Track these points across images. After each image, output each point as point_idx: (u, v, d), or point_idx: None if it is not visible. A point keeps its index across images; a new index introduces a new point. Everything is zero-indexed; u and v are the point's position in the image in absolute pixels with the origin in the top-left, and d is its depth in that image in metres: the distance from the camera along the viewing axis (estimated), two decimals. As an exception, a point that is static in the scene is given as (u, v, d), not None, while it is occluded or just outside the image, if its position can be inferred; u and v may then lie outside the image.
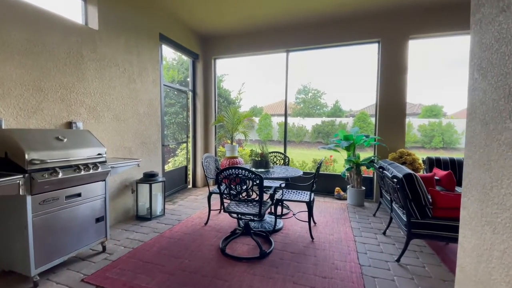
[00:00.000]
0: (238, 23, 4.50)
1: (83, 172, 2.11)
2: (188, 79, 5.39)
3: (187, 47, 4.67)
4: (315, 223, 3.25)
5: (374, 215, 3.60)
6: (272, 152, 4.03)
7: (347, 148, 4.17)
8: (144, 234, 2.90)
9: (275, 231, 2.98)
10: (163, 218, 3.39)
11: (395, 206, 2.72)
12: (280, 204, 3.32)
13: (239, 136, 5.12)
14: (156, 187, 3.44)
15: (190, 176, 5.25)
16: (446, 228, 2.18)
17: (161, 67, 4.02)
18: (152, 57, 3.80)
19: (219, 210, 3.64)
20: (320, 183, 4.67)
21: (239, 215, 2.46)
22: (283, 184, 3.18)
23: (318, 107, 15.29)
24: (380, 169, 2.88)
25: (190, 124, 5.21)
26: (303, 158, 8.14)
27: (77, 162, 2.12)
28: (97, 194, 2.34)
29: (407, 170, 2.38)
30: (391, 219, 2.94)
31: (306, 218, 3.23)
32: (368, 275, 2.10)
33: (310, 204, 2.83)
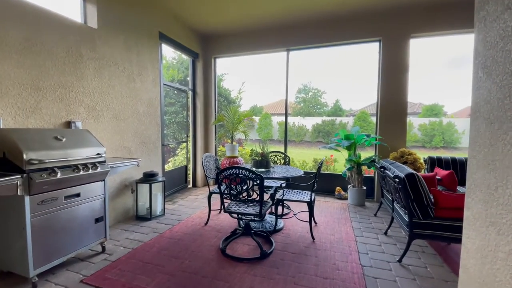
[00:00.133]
0: (239, 22, 4.48)
1: (82, 172, 2.09)
2: (188, 78, 5.37)
3: (187, 46, 4.65)
4: (316, 223, 3.23)
5: (375, 215, 3.59)
6: (273, 152, 4.01)
7: (348, 148, 4.15)
8: (144, 234, 2.89)
9: (275, 231, 2.96)
10: (163, 218, 3.38)
11: (396, 206, 2.70)
12: (280, 204, 3.30)
13: (239, 135, 5.11)
14: (156, 187, 3.42)
15: (190, 175, 5.23)
16: (448, 228, 2.16)
17: (161, 66, 4.00)
18: (152, 56, 3.78)
19: (219, 210, 3.63)
20: (320, 182, 4.65)
21: (240, 215, 2.45)
22: (284, 184, 3.16)
23: (319, 106, 15.27)
24: (382, 168, 2.86)
25: (190, 124, 5.19)
26: (303, 157, 8.12)
27: (76, 162, 2.10)
28: (96, 194, 2.33)
29: (409, 169, 2.37)
30: (392, 219, 2.92)
31: (307, 218, 3.22)
32: (369, 276, 2.09)
33: (311, 204, 2.81)
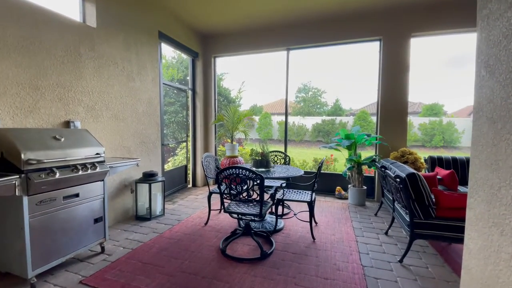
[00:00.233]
0: (239, 21, 4.46)
1: (81, 172, 2.08)
2: (187, 78, 5.35)
3: (186, 45, 4.63)
4: (316, 223, 3.22)
5: (376, 214, 3.58)
6: (273, 152, 4.00)
7: (348, 147, 4.14)
8: (144, 234, 2.87)
9: (276, 231, 2.95)
10: (162, 218, 3.37)
11: (397, 206, 2.69)
12: (281, 204, 3.29)
13: (239, 135, 5.09)
14: (156, 187, 3.41)
15: (190, 175, 5.22)
16: (450, 228, 2.15)
17: (160, 65, 3.99)
18: (151, 55, 3.76)
19: (219, 210, 3.61)
20: (321, 182, 4.64)
21: (240, 216, 2.44)
22: (284, 184, 3.15)
23: (318, 106, 15.26)
24: (382, 168, 2.84)
25: (190, 123, 5.18)
26: (303, 157, 8.11)
27: (74, 162, 2.09)
28: (95, 194, 2.31)
29: (410, 169, 2.35)
30: (393, 218, 2.91)
31: (307, 218, 3.21)
32: (370, 276, 2.07)
33: (311, 204, 2.80)
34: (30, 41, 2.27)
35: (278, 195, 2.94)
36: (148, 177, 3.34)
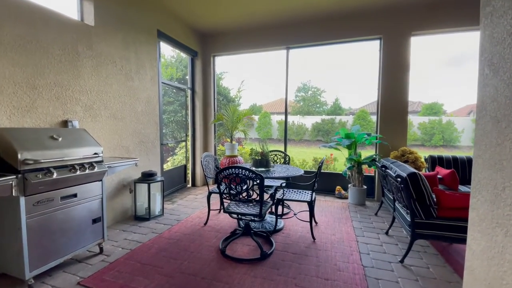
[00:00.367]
0: (238, 20, 4.43)
1: (78, 172, 2.05)
2: (186, 77, 5.33)
3: (185, 44, 4.61)
4: (316, 222, 3.20)
5: (376, 214, 3.56)
6: (273, 151, 3.98)
7: (348, 147, 4.12)
8: (143, 234, 2.85)
9: (276, 231, 2.93)
10: (162, 218, 3.35)
11: (398, 205, 2.67)
12: (281, 204, 3.27)
13: (238, 134, 5.07)
14: (155, 187, 3.39)
15: (190, 175, 5.20)
16: (451, 228, 2.13)
17: (159, 64, 3.96)
18: (150, 54, 3.73)
19: (219, 210, 3.60)
20: (320, 181, 4.62)
21: (239, 216, 2.42)
22: (284, 184, 3.13)
23: (318, 105, 15.25)
24: (383, 168, 2.83)
25: (189, 123, 5.15)
26: (303, 156, 8.10)
27: (72, 162, 2.06)
28: (93, 194, 2.29)
29: (411, 169, 2.34)
30: (393, 218, 2.90)
31: (307, 218, 3.19)
32: (371, 277, 2.06)
33: (311, 204, 2.78)
34: (27, 39, 2.24)
35: (278, 195, 2.92)
36: (147, 177, 3.32)
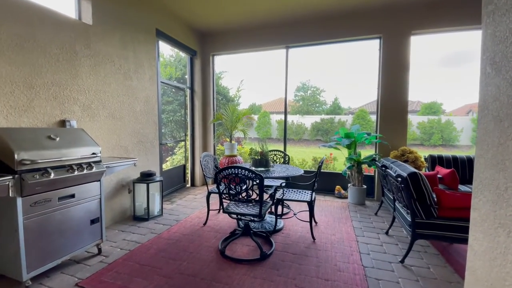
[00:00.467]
0: (237, 19, 4.41)
1: (76, 173, 2.03)
2: (186, 76, 5.31)
3: (184, 43, 4.58)
4: (316, 222, 3.19)
5: (376, 214, 3.55)
6: (272, 151, 3.97)
7: (348, 146, 4.11)
8: (141, 235, 2.83)
9: (275, 231, 2.92)
10: (161, 219, 3.33)
11: (398, 205, 2.66)
12: (280, 204, 3.26)
13: (238, 134, 5.05)
14: (154, 187, 3.37)
15: (189, 174, 5.18)
16: (452, 228, 2.12)
17: (158, 63, 3.93)
18: (149, 53, 3.71)
19: (218, 210, 3.58)
20: (320, 181, 4.61)
21: (239, 216, 2.40)
22: (284, 183, 3.12)
23: (317, 104, 15.25)
24: (383, 167, 2.82)
25: (188, 122, 5.13)
26: (302, 156, 8.09)
27: (70, 162, 2.04)
28: (92, 195, 2.27)
29: (411, 169, 2.32)
30: (393, 218, 2.89)
31: (307, 218, 3.18)
32: (372, 277, 2.05)
33: (311, 204, 2.77)
34: (24, 38, 2.22)
35: (278, 195, 2.90)
36: (146, 176, 3.30)
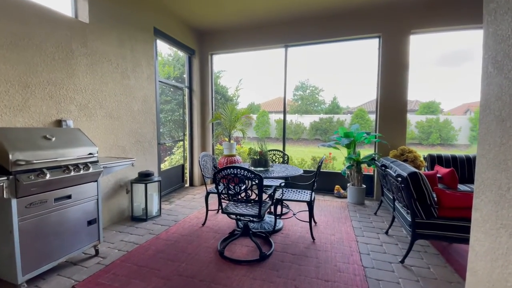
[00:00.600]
0: (236, 18, 4.38)
1: (73, 173, 2.00)
2: (184, 76, 5.27)
3: (183, 42, 4.54)
4: (315, 222, 3.18)
5: (375, 213, 3.54)
6: (271, 150, 3.95)
7: (347, 146, 4.10)
8: (139, 236, 2.81)
9: (275, 231, 2.90)
10: (159, 219, 3.30)
11: (398, 205, 2.65)
12: (280, 204, 3.24)
13: (236, 133, 5.03)
14: (152, 187, 3.34)
15: (187, 174, 5.15)
16: (452, 228, 2.11)
17: (156, 62, 3.90)
18: (147, 52, 3.67)
19: (217, 210, 3.56)
20: (319, 181, 4.59)
21: (238, 216, 2.38)
22: (283, 183, 3.10)
23: (316, 104, 15.24)
24: (383, 167, 2.81)
25: (187, 122, 5.10)
26: (301, 155, 8.08)
27: (66, 162, 2.01)
28: (88, 195, 2.24)
29: (411, 168, 2.31)
30: (393, 218, 2.88)
31: (307, 218, 3.16)
32: (372, 278, 2.03)
33: (311, 204, 2.75)
34: (19, 36, 2.18)
35: (277, 195, 2.89)
36: (144, 177, 3.27)
